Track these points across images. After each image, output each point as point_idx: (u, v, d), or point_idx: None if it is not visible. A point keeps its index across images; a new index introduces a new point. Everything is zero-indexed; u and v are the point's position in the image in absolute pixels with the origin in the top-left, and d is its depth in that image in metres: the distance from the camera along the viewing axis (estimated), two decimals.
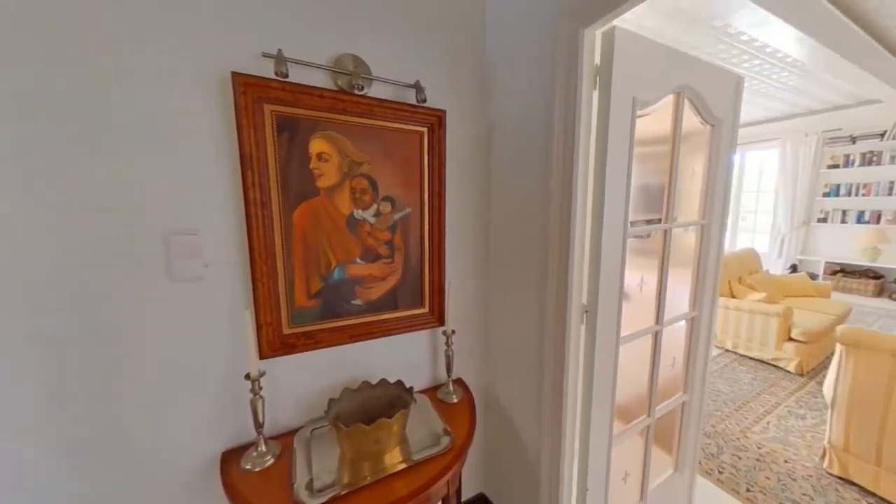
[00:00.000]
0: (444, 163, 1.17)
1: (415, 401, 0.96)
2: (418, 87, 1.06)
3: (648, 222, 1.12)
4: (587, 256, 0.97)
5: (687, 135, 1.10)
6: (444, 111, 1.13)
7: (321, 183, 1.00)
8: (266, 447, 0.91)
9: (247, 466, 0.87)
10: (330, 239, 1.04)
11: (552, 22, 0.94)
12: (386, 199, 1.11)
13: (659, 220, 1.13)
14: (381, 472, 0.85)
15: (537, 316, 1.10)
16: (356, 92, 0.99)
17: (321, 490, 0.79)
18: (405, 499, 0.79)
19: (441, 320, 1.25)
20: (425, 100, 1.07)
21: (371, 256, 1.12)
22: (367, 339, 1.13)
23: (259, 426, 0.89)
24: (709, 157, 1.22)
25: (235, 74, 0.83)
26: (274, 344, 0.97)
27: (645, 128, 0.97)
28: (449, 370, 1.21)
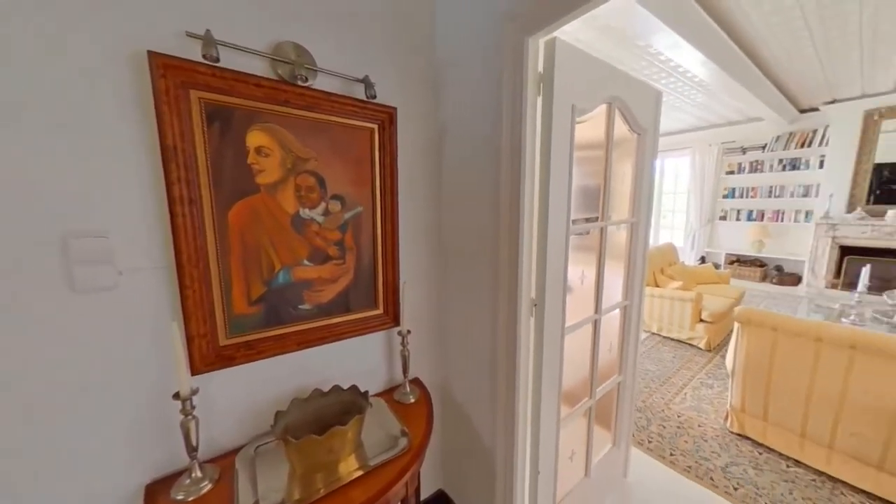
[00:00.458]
0: (396, 161, 1.15)
1: (370, 405, 0.94)
2: (368, 83, 1.03)
3: (587, 221, 1.22)
4: (535, 254, 1.03)
5: (618, 141, 1.22)
6: (395, 108, 1.12)
7: (261, 179, 0.93)
8: (202, 472, 0.82)
9: (178, 496, 0.78)
10: (273, 240, 0.97)
11: (498, 28, 0.97)
12: (335, 198, 1.06)
13: (596, 219, 1.24)
14: (336, 483, 0.81)
15: (490, 311, 1.14)
16: (299, 83, 0.93)
17: None
18: None
19: (396, 321, 1.23)
20: (375, 96, 1.04)
21: (320, 258, 1.06)
22: (318, 345, 1.08)
23: (193, 450, 0.80)
24: (636, 162, 1.36)
25: (153, 54, 0.73)
26: (209, 357, 0.88)
27: (582, 134, 1.05)
28: (405, 370, 1.20)
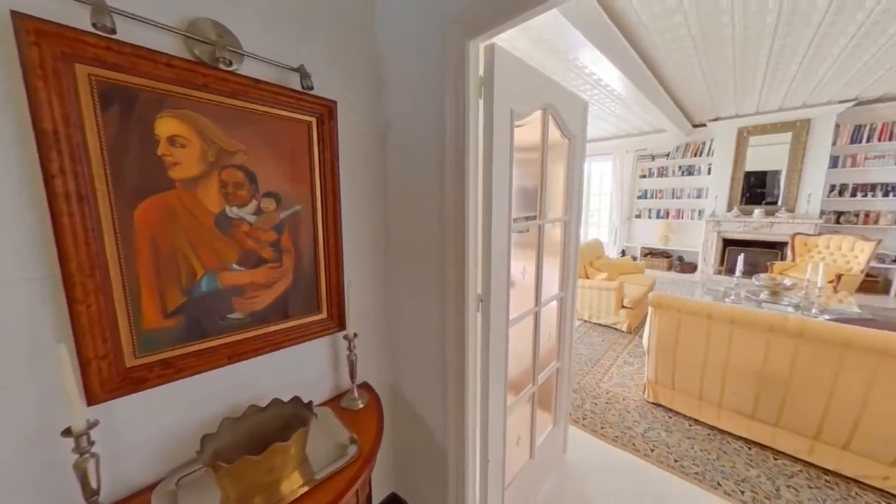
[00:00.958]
0: (337, 157, 1.10)
1: (315, 416, 0.89)
2: (303, 73, 0.96)
3: (527, 219, 1.30)
4: (480, 251, 1.07)
5: (552, 145, 1.32)
6: (335, 102, 1.06)
7: (177, 173, 0.81)
8: None
9: None
10: (194, 242, 0.86)
11: (441, 29, 0.98)
12: (269, 196, 0.98)
13: (534, 217, 1.32)
14: (279, 503, 0.75)
15: (438, 308, 1.15)
16: (222, 67, 0.83)
17: None
18: None
19: (342, 324, 1.18)
20: (312, 87, 0.98)
21: (253, 261, 0.97)
22: (253, 357, 0.98)
23: (92, 494, 0.67)
24: (567, 165, 1.49)
25: (19, 17, 0.60)
26: (111, 382, 0.75)
27: (521, 137, 1.12)
28: (353, 375, 1.16)
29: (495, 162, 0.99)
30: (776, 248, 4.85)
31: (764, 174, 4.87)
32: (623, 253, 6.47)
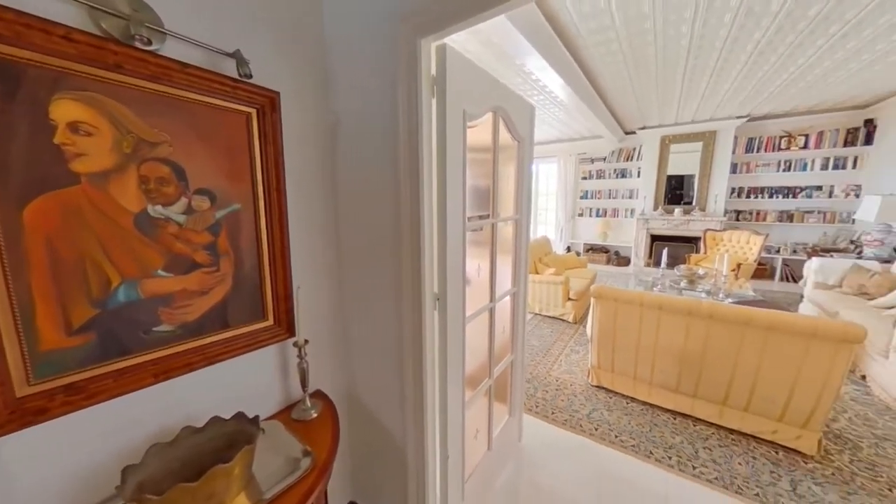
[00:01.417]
0: (282, 152, 1.03)
1: (262, 431, 0.82)
2: (240, 59, 0.88)
3: (480, 218, 1.34)
4: (436, 250, 1.07)
5: (503, 147, 1.37)
6: (278, 93, 0.99)
7: (81, 166, 0.70)
8: None
9: None
10: (107, 246, 0.74)
11: (392, 26, 0.96)
12: (202, 193, 0.88)
13: (488, 216, 1.36)
14: None
15: (394, 308, 1.14)
16: (139, 45, 0.73)
17: None
18: None
19: (291, 331, 1.11)
20: (251, 76, 0.90)
21: (183, 266, 0.87)
22: (186, 373, 0.88)
23: None
24: (517, 166, 1.56)
25: None
26: None
27: (473, 137, 1.14)
28: (304, 384, 1.10)
29: (449, 161, 1.00)
30: (692, 243, 5.57)
31: (682, 178, 5.56)
32: (568, 249, 6.96)
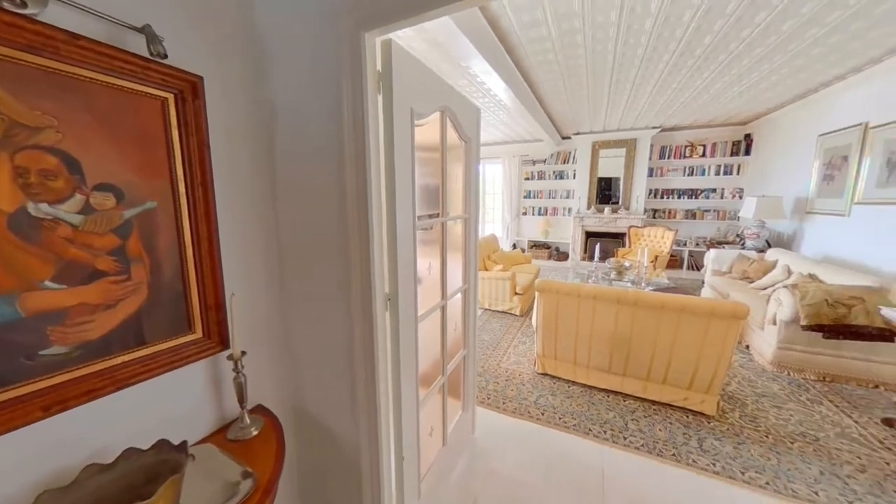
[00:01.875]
0: (208, 144, 0.92)
1: (192, 457, 0.73)
2: (150, 35, 0.77)
3: (430, 216, 1.34)
4: (385, 249, 1.05)
5: (451, 146, 1.39)
6: (201, 78, 0.89)
7: None
8: None
9: None
10: None
11: (332, 17, 0.92)
12: (104, 189, 0.76)
13: (437, 215, 1.37)
14: None
15: (343, 311, 1.09)
16: (7, 6, 0.60)
17: None
18: None
19: (224, 343, 1.00)
20: (166, 55, 0.80)
21: (80, 275, 0.73)
22: (88, 402, 0.75)
23: None
24: (465, 166, 1.59)
25: None
26: None
27: (422, 136, 1.14)
28: (242, 400, 1.00)
29: (397, 159, 0.99)
30: (619, 238, 6.23)
31: (610, 180, 6.18)
32: (514, 246, 7.32)
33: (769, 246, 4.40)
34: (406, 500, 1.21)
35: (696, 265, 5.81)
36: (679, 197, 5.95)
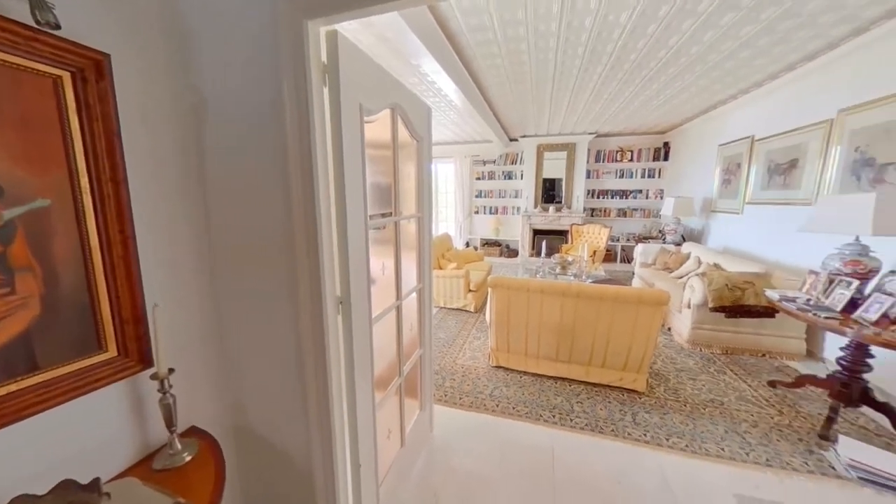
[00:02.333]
0: (118, 133, 0.80)
1: (107, 496, 0.63)
2: (37, 1, 0.64)
3: (383, 216, 1.32)
4: (336, 250, 1.01)
5: (403, 145, 1.37)
6: (108, 56, 0.77)
7: None
8: None
9: None
10: None
11: (270, 2, 0.85)
12: None
13: (390, 214, 1.35)
14: None
15: (291, 318, 1.02)
16: None
17: None
18: None
19: (145, 361, 0.88)
20: (57, 25, 0.67)
21: None
22: None
23: None
24: (417, 165, 1.59)
25: None
26: None
27: (372, 133, 1.11)
28: (171, 423, 0.89)
29: (347, 156, 0.95)
30: (563, 235, 6.69)
31: (554, 181, 6.61)
32: (467, 244, 7.47)
33: (684, 240, 5.05)
34: None
35: (628, 258, 6.46)
36: (612, 197, 6.57)
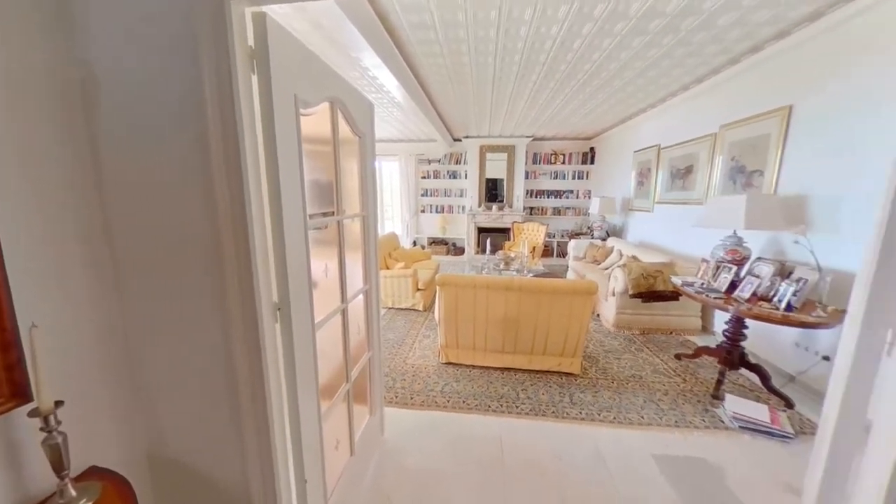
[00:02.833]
0: None
1: None
2: None
3: (324, 215, 1.25)
4: (272, 253, 0.93)
5: (344, 141, 1.31)
6: None
7: None
8: None
9: None
10: None
11: None
12: None
13: (332, 213, 1.28)
14: None
15: (219, 329, 0.92)
16: None
17: None
18: None
19: (21, 394, 0.72)
20: None
21: None
22: None
23: None
24: (360, 162, 1.53)
25: None
26: None
27: (311, 127, 1.04)
28: (61, 466, 0.73)
29: (281, 151, 0.88)
30: (506, 232, 7.03)
31: (496, 181, 6.90)
32: (414, 243, 7.44)
33: (609, 235, 5.66)
34: None
35: (563, 253, 7.03)
36: (548, 197, 7.09)
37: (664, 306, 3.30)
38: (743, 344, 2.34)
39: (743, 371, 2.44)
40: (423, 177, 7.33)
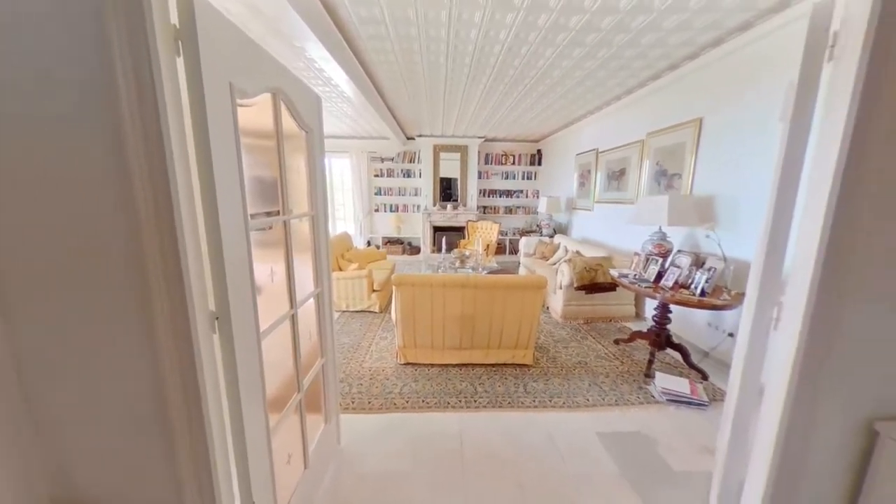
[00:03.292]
0: None
1: None
2: None
3: (268, 214, 1.16)
4: (206, 256, 0.84)
5: (289, 135, 1.23)
6: None
7: None
8: None
9: None
10: None
11: None
12: None
13: (278, 212, 1.20)
14: None
15: (142, 344, 0.80)
16: None
17: None
18: None
19: None
20: None
21: None
22: None
23: None
24: (308, 159, 1.45)
25: None
26: None
27: (250, 119, 0.96)
28: None
29: (215, 144, 0.80)
30: (460, 231, 7.15)
31: (450, 180, 6.98)
32: (368, 243, 7.23)
33: (555, 233, 6.03)
34: None
35: (515, 250, 7.34)
36: (500, 196, 7.35)
37: (604, 297, 3.62)
38: (668, 327, 2.66)
39: (669, 350, 2.77)
40: (377, 175, 7.16)
